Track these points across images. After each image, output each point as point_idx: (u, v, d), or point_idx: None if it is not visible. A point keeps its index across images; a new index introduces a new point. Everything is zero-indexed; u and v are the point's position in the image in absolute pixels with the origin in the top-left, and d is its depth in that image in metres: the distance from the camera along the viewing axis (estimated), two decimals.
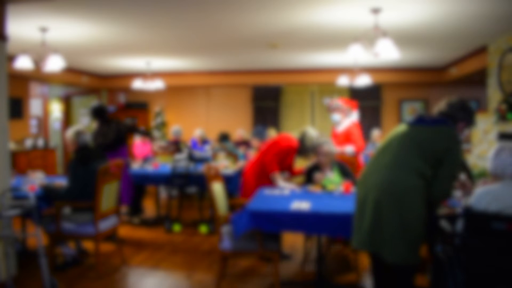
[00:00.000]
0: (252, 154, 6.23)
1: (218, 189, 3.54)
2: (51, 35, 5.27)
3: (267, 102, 9.77)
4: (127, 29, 5.29)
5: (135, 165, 5.83)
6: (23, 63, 5.14)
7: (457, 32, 5.39)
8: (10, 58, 5.26)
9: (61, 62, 5.19)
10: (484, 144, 6.09)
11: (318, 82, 9.18)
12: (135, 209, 5.85)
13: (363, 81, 7.17)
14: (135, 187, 5.54)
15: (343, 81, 7.33)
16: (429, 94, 9.42)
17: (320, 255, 3.45)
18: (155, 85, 8.16)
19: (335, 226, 2.94)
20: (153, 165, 5.84)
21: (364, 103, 9.30)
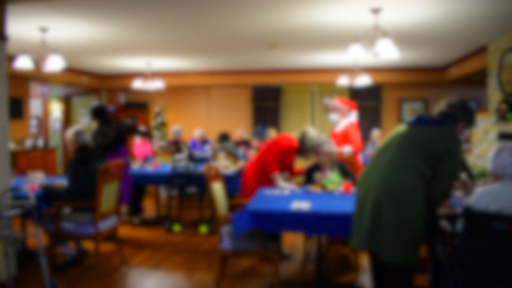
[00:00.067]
0: (252, 154, 6.23)
1: (218, 189, 3.54)
2: (51, 35, 5.27)
3: (267, 102, 9.77)
4: (127, 29, 5.29)
5: (135, 165, 5.83)
6: (23, 63, 5.15)
7: (457, 32, 5.40)
8: (10, 58, 5.26)
9: (61, 62, 5.19)
10: (484, 144, 6.09)
11: (318, 82, 9.18)
12: (135, 209, 5.85)
13: (363, 81, 7.17)
14: (135, 187, 5.54)
15: (343, 81, 7.33)
16: (429, 94, 9.42)
17: (320, 255, 3.45)
18: (155, 85, 8.16)
19: (335, 226, 2.94)
20: (153, 165, 5.84)
21: (364, 103, 9.31)
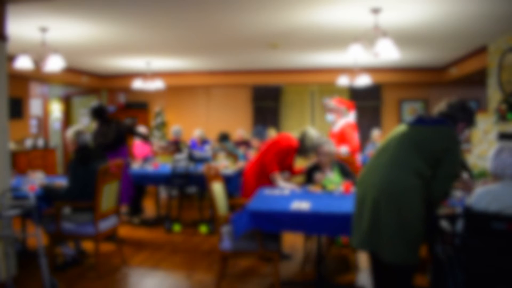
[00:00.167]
0: (252, 154, 6.23)
1: (218, 189, 3.54)
2: (51, 35, 5.27)
3: (267, 102, 9.77)
4: (127, 29, 5.29)
5: (135, 165, 5.83)
6: (23, 63, 5.15)
7: (457, 32, 5.40)
8: (10, 58, 5.26)
9: (61, 62, 5.19)
10: (484, 144, 6.09)
11: (318, 82, 9.18)
12: (135, 209, 5.85)
13: (363, 81, 7.18)
14: (135, 187, 5.54)
15: (343, 81, 7.33)
16: (429, 94, 9.42)
17: (320, 255, 3.45)
18: (155, 85, 8.16)
19: (335, 226, 2.94)
20: (153, 165, 5.84)
21: (364, 103, 9.31)
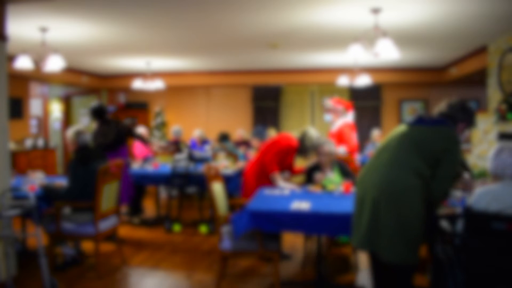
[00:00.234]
0: (252, 154, 6.23)
1: (218, 189, 3.54)
2: (51, 35, 5.27)
3: (267, 102, 9.77)
4: (127, 29, 5.29)
5: (135, 165, 5.83)
6: (23, 63, 5.15)
7: (457, 32, 5.40)
8: (10, 58, 5.26)
9: (61, 62, 5.19)
10: (484, 144, 6.09)
11: (318, 82, 9.18)
12: (135, 209, 5.85)
13: (363, 81, 7.18)
14: (135, 187, 5.54)
15: (343, 81, 7.33)
16: (429, 94, 9.42)
17: (320, 255, 3.45)
18: (155, 85, 8.16)
19: (335, 226, 2.94)
20: (153, 165, 5.84)
21: (364, 103, 9.32)
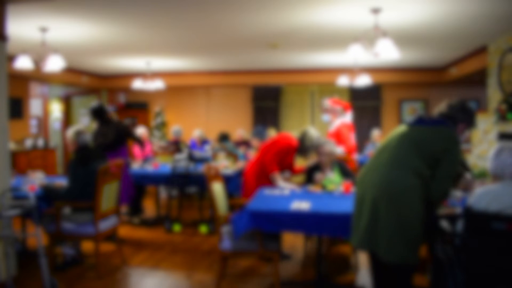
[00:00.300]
0: (252, 154, 6.23)
1: (218, 189, 3.54)
2: (51, 35, 5.27)
3: (267, 102, 9.77)
4: (127, 29, 5.29)
5: (135, 165, 5.83)
6: (23, 63, 5.15)
7: (457, 32, 5.40)
8: (10, 58, 5.26)
9: (61, 62, 5.19)
10: (484, 144, 6.09)
11: (318, 82, 9.18)
12: (135, 209, 5.85)
13: (363, 81, 7.18)
14: (135, 187, 5.54)
15: (343, 81, 7.33)
16: (429, 94, 9.42)
17: (320, 255, 3.45)
18: (155, 85, 8.16)
19: (335, 226, 2.94)
20: (153, 165, 5.84)
21: (364, 103, 9.32)
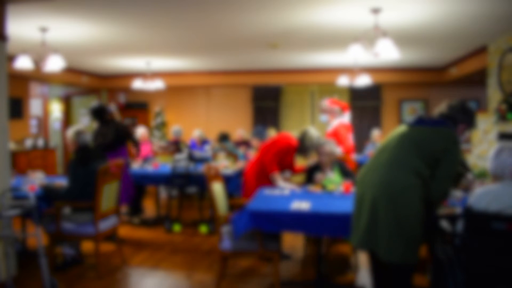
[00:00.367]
0: (252, 154, 6.23)
1: (218, 189, 3.54)
2: (51, 35, 5.27)
3: (267, 102, 9.77)
4: (127, 29, 5.29)
5: (135, 165, 5.83)
6: (23, 63, 5.15)
7: (457, 32, 5.40)
8: (10, 58, 5.26)
9: (61, 62, 5.19)
10: (484, 144, 6.09)
11: (318, 82, 9.18)
12: (135, 209, 5.85)
13: (363, 81, 7.18)
14: (135, 187, 5.54)
15: (343, 81, 7.33)
16: (429, 94, 9.42)
17: (320, 255, 3.45)
18: (155, 85, 8.16)
19: (335, 226, 2.94)
20: (153, 165, 5.84)
21: (364, 103, 9.32)
